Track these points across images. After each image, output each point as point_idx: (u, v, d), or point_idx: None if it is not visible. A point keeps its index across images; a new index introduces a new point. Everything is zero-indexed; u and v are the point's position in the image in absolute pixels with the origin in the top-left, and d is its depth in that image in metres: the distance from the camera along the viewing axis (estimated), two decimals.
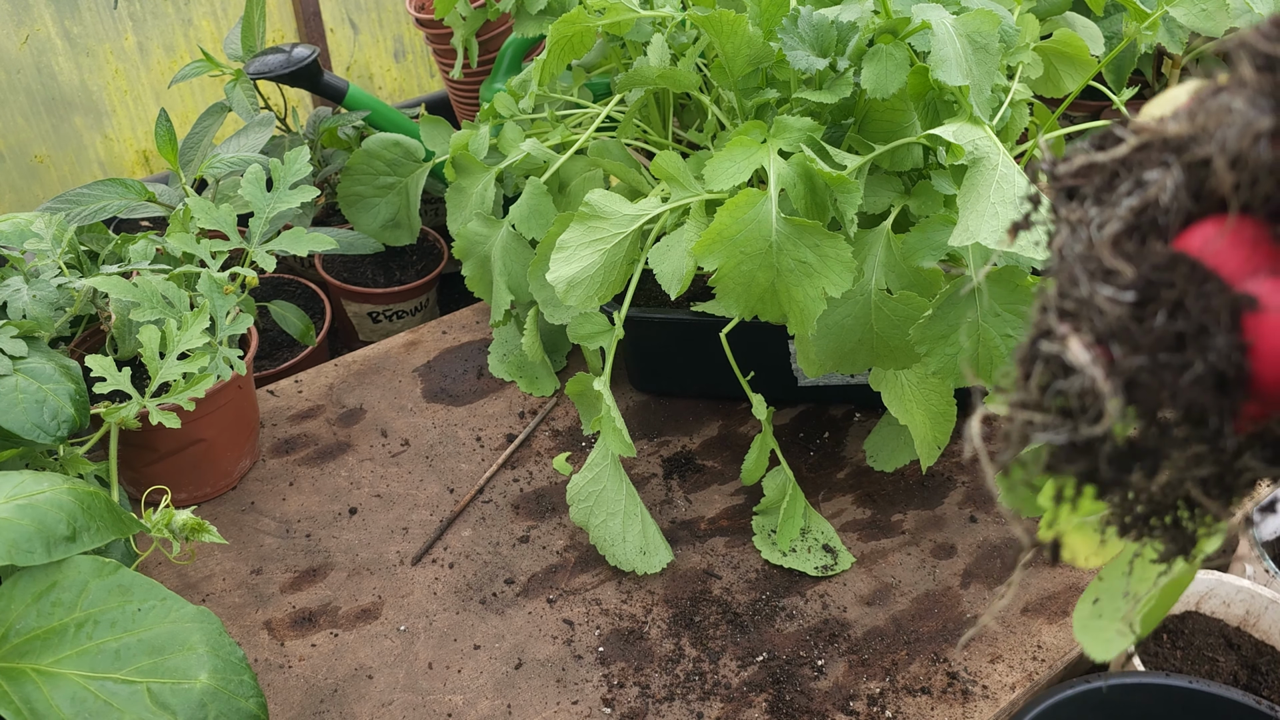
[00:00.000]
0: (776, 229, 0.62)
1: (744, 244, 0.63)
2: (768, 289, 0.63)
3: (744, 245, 0.63)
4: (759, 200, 0.63)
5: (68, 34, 1.55)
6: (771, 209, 0.63)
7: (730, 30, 0.71)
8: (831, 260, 0.62)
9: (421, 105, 1.38)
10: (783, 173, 0.65)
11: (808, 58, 0.70)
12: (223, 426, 0.82)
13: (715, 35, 0.72)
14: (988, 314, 0.64)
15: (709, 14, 0.71)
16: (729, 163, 0.67)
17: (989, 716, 0.69)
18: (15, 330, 0.71)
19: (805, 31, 0.70)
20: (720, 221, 0.63)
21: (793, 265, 0.63)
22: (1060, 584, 0.78)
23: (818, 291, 0.63)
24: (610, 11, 0.80)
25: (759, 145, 0.68)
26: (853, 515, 0.84)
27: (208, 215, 0.82)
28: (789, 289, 0.63)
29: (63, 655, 0.52)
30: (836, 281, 0.62)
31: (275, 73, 1.19)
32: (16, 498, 0.55)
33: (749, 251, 0.63)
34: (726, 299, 0.64)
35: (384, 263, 1.39)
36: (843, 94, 0.70)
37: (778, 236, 0.62)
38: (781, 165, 0.65)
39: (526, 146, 0.86)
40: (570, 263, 0.72)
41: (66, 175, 1.64)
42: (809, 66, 0.69)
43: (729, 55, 0.73)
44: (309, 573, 0.79)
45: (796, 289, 0.63)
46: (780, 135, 0.68)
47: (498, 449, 0.91)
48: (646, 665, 0.72)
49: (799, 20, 0.70)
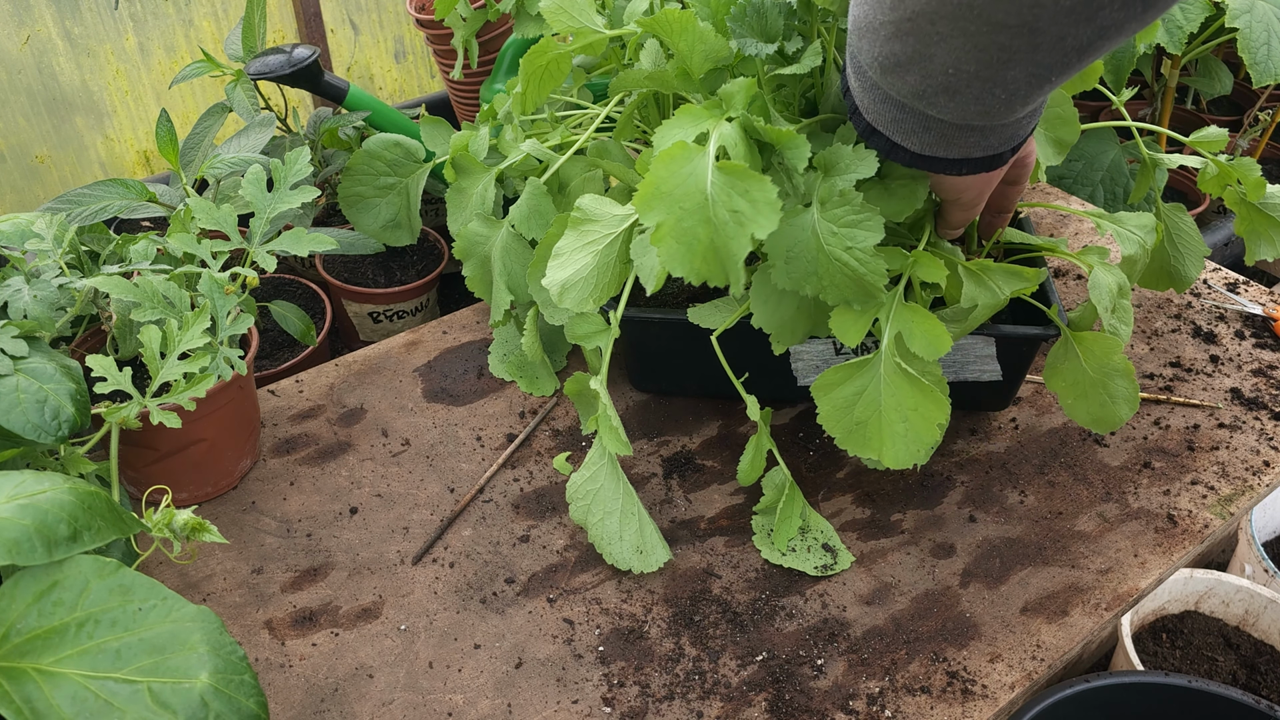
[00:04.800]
0: (711, 180, 0.62)
1: (681, 199, 0.62)
2: (709, 246, 0.62)
3: (682, 200, 0.62)
4: (696, 154, 0.62)
5: (69, 34, 1.55)
6: (708, 162, 0.62)
7: (680, 29, 0.71)
8: (760, 203, 0.61)
9: (422, 106, 1.38)
10: (724, 132, 0.65)
11: (756, 44, 0.70)
12: (223, 426, 0.82)
13: (666, 36, 0.72)
14: (826, 234, 0.67)
15: (656, 15, 0.70)
16: (675, 129, 0.67)
17: (988, 716, 0.69)
18: (16, 330, 0.71)
19: (752, 19, 0.71)
20: (655, 174, 0.62)
21: (727, 217, 0.62)
22: (1060, 584, 0.78)
23: (747, 240, 0.62)
24: (578, 36, 0.80)
25: (707, 114, 0.68)
26: (852, 515, 0.84)
27: (208, 215, 0.82)
28: (726, 243, 0.62)
29: (63, 655, 0.52)
30: (764, 224, 0.61)
31: (276, 73, 1.19)
32: (17, 497, 0.55)
33: (687, 206, 0.62)
34: (669, 259, 0.63)
35: (384, 263, 1.39)
36: (814, 64, 0.70)
37: (712, 188, 0.62)
38: (724, 126, 0.66)
39: (526, 147, 0.86)
40: (565, 267, 0.73)
41: (67, 175, 1.65)
42: (758, 52, 0.70)
43: (684, 54, 0.73)
44: (309, 572, 0.79)
45: (732, 241, 0.62)
46: (729, 104, 0.68)
47: (498, 449, 0.91)
48: (646, 664, 0.73)
49: (746, 10, 0.70)
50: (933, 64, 0.56)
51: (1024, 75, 0.55)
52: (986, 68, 0.54)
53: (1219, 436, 0.92)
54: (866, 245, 0.66)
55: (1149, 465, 0.89)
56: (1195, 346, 1.03)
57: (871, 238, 0.66)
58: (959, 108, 0.58)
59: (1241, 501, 0.85)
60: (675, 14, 0.70)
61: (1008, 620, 0.76)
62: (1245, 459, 0.89)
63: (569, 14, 0.79)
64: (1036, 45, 0.52)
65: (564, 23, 0.79)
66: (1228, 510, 0.85)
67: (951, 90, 0.57)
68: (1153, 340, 1.03)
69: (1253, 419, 0.93)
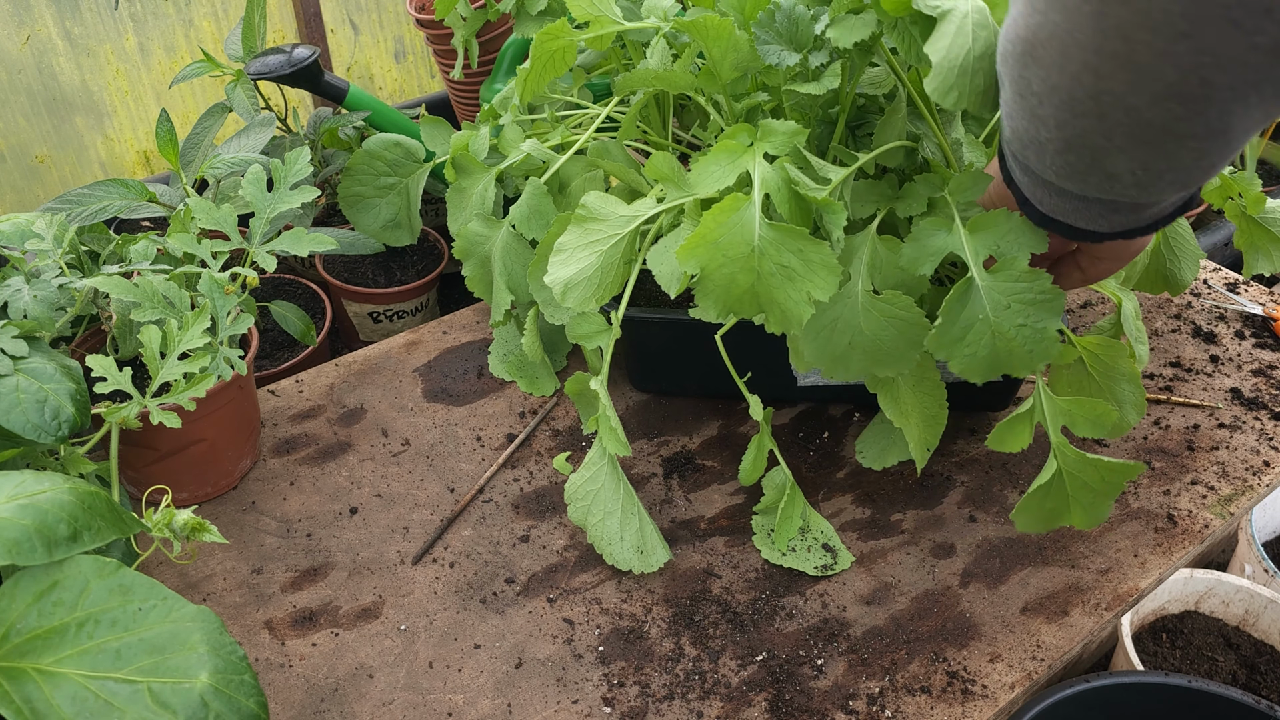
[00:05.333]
0: (760, 234, 0.62)
1: (727, 248, 0.63)
2: (747, 290, 0.63)
3: (727, 249, 0.63)
4: (742, 205, 0.63)
5: (69, 34, 1.55)
6: (755, 214, 0.63)
7: (716, 34, 0.71)
8: (816, 265, 0.62)
9: (422, 106, 1.38)
10: (767, 177, 0.65)
11: (780, 52, 0.70)
12: (223, 426, 0.82)
13: (702, 40, 0.72)
14: (997, 308, 0.64)
15: (695, 19, 0.70)
16: (715, 167, 0.67)
17: (988, 716, 0.69)
18: (16, 330, 0.71)
19: (782, 25, 0.70)
20: (705, 226, 0.63)
21: (774, 269, 0.62)
22: (1060, 584, 0.78)
23: (802, 295, 0.63)
24: (594, 25, 0.80)
25: (745, 149, 0.67)
26: (852, 515, 0.84)
27: (208, 215, 0.82)
28: (770, 291, 0.63)
29: (64, 655, 0.52)
30: (822, 285, 0.62)
31: (276, 73, 1.19)
32: (17, 497, 0.55)
33: (731, 255, 0.63)
34: (705, 300, 0.64)
35: (384, 263, 1.39)
36: (831, 85, 0.70)
37: (760, 241, 0.62)
38: (766, 170, 0.65)
39: (526, 147, 0.86)
40: (568, 265, 0.73)
41: (67, 175, 1.65)
42: (780, 61, 0.69)
43: (715, 60, 0.73)
44: (310, 572, 0.79)
45: (779, 291, 0.63)
46: (766, 139, 0.68)
47: (498, 449, 0.91)
48: (646, 664, 0.73)
49: (775, 14, 0.70)
50: (1116, 168, 0.53)
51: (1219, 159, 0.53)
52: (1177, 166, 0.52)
53: (1219, 436, 0.92)
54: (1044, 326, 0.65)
55: (1149, 465, 0.89)
56: (1195, 346, 1.03)
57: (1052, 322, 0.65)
58: (1153, 194, 0.56)
59: (1241, 501, 0.85)
60: (713, 19, 0.70)
61: (1008, 620, 0.76)
62: (1245, 459, 0.89)
63: (590, 1, 0.79)
64: (1229, 140, 0.50)
65: (583, 9, 0.79)
66: (1228, 510, 0.85)
67: (1143, 185, 0.54)
68: (1153, 340, 1.03)
69: (1253, 419, 0.93)
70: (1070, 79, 0.50)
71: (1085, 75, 0.49)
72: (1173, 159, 0.51)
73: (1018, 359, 0.64)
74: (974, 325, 0.64)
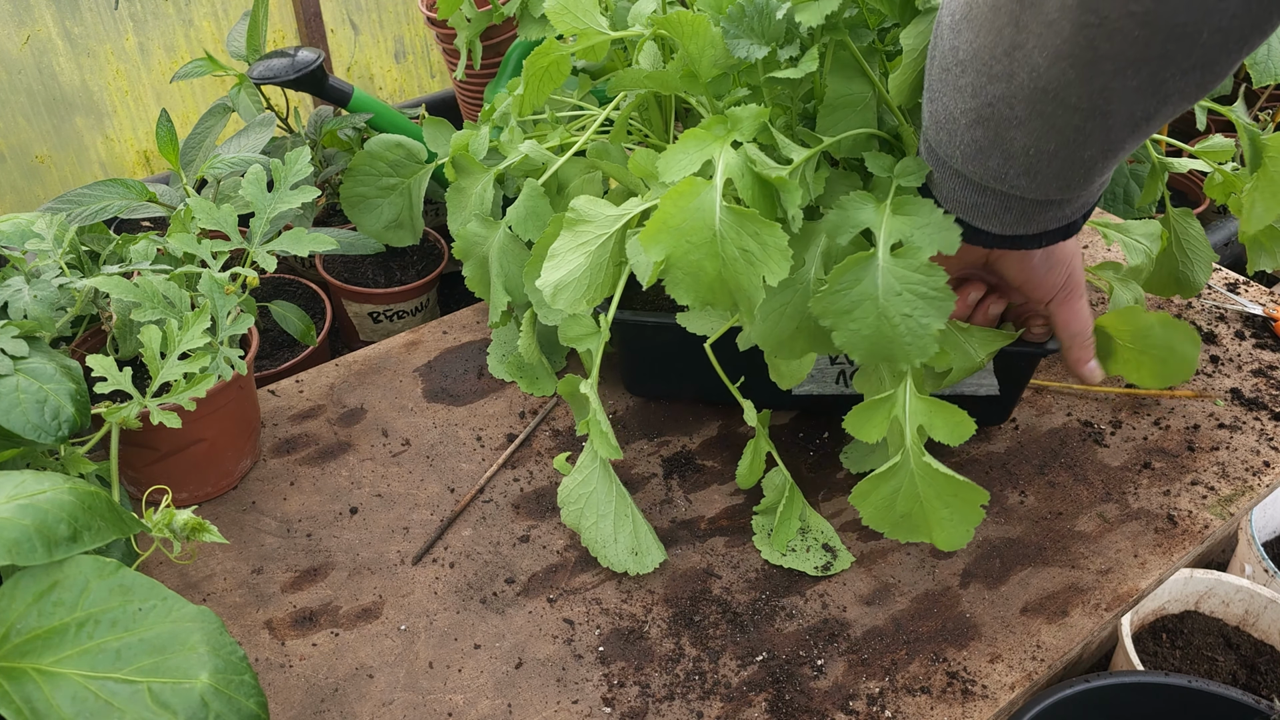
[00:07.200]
0: (720, 218, 0.62)
1: (690, 233, 0.62)
2: (716, 278, 0.63)
3: (690, 235, 0.62)
4: (703, 189, 0.63)
5: (69, 34, 1.55)
6: (715, 198, 0.62)
7: (693, 31, 0.71)
8: (771, 248, 0.62)
9: (422, 106, 1.38)
10: (730, 162, 0.65)
11: (749, 46, 0.70)
12: (224, 426, 0.82)
13: (678, 37, 0.72)
14: (889, 292, 0.64)
15: (670, 16, 0.70)
16: (681, 155, 0.67)
17: (988, 716, 0.69)
18: (16, 330, 0.71)
19: (752, 19, 0.70)
20: (664, 210, 0.62)
21: (736, 254, 0.62)
22: (1060, 584, 0.78)
23: (759, 280, 0.63)
24: (582, 38, 0.80)
25: (715, 138, 0.67)
26: (852, 515, 0.84)
27: (209, 215, 0.82)
28: (735, 277, 0.63)
29: (64, 655, 0.52)
30: (775, 269, 0.62)
31: (281, 78, 1.19)
32: (17, 497, 0.55)
33: (695, 241, 0.62)
34: (676, 289, 0.64)
35: (384, 263, 1.39)
36: (809, 69, 0.70)
37: (721, 225, 0.62)
38: (730, 155, 0.65)
39: (525, 148, 0.86)
40: (559, 268, 0.73)
41: (67, 175, 1.65)
42: (749, 55, 0.69)
43: (694, 57, 0.72)
44: (310, 572, 0.79)
45: (743, 276, 0.62)
46: (736, 128, 0.68)
47: (498, 449, 0.91)
48: (646, 664, 0.73)
49: (746, 9, 0.70)
50: (1013, 146, 0.59)
51: (1098, 150, 0.58)
52: (1064, 147, 0.58)
53: (1219, 437, 0.92)
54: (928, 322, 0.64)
55: (1149, 465, 0.89)
56: None
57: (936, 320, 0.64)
58: (1039, 185, 0.61)
59: (1241, 502, 0.85)
60: (688, 16, 0.70)
61: (1008, 620, 0.76)
62: (1245, 459, 0.89)
63: (573, 15, 0.79)
64: (1109, 125, 0.55)
65: (568, 23, 0.79)
66: (1228, 510, 0.85)
67: (1032, 171, 0.60)
68: None
69: (1253, 419, 0.93)
70: (994, 34, 0.55)
71: (1008, 28, 0.54)
72: (1060, 135, 0.57)
73: (898, 348, 0.65)
74: (863, 302, 0.65)
